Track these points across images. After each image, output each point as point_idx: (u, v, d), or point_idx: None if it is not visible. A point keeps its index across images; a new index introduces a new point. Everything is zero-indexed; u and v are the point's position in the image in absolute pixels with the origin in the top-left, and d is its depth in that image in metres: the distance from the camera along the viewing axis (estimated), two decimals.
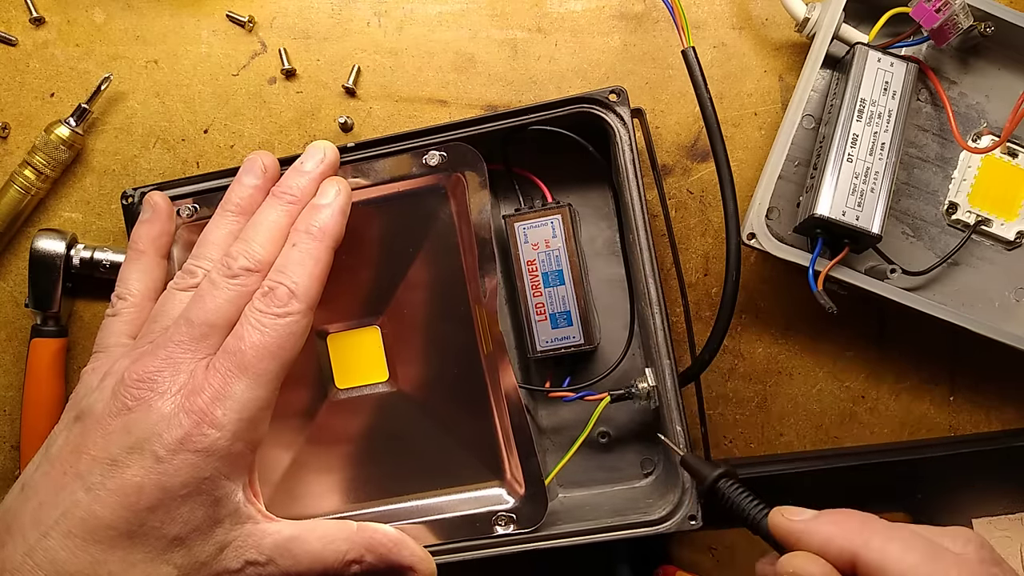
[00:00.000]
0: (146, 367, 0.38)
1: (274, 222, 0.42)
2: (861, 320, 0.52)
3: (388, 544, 0.41)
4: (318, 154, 0.44)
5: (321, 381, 0.48)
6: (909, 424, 0.52)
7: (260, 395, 0.38)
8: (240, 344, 0.38)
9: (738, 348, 0.52)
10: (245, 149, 0.53)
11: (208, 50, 0.53)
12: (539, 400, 0.51)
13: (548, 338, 0.48)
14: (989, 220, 0.50)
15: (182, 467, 0.36)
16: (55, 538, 0.35)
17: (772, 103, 0.52)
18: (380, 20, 0.53)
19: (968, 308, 0.50)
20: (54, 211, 0.53)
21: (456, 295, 0.47)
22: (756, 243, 0.46)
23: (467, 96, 0.53)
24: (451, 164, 0.46)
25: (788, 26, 0.52)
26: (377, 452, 0.48)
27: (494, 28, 0.53)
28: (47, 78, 0.53)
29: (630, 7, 0.53)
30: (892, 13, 0.47)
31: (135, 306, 0.43)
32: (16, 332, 0.53)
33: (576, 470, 0.50)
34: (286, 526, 0.39)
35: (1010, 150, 0.50)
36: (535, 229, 0.48)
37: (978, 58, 0.50)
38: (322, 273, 0.41)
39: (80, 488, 0.36)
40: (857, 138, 0.46)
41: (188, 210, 0.47)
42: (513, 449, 0.45)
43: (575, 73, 0.53)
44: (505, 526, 0.45)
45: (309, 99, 0.53)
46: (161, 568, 0.36)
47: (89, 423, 0.38)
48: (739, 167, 0.52)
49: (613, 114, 0.46)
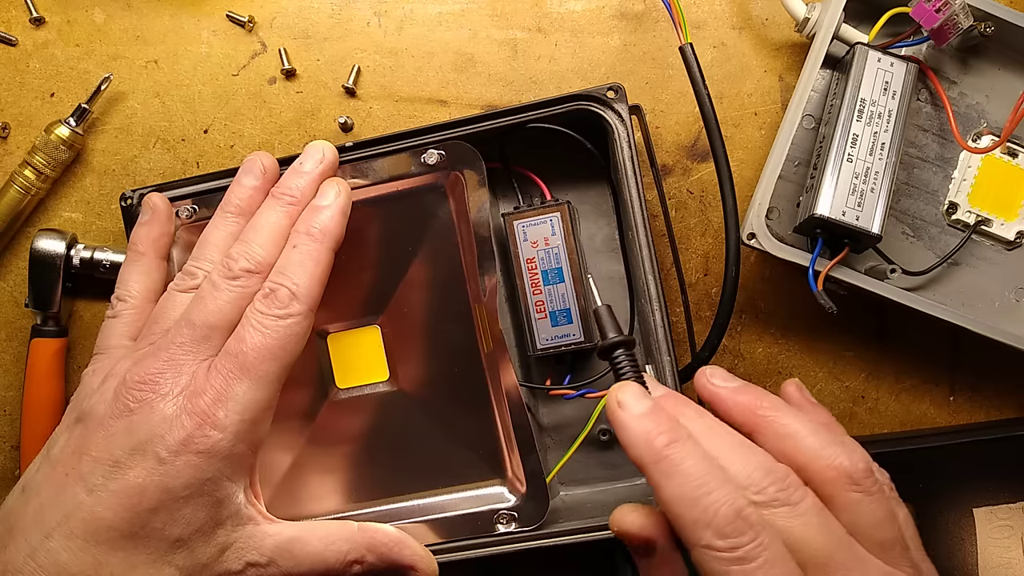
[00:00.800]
0: (148, 369, 0.38)
1: (274, 223, 0.42)
2: (861, 320, 0.52)
3: (389, 544, 0.41)
4: (317, 154, 0.44)
5: (322, 381, 0.48)
6: (909, 424, 0.52)
7: (261, 396, 0.38)
8: (241, 346, 0.38)
9: (738, 348, 0.52)
10: (245, 149, 0.53)
11: (208, 50, 0.53)
12: (540, 398, 0.51)
13: (548, 336, 0.48)
14: (989, 220, 0.50)
15: (184, 468, 0.36)
16: (57, 539, 0.35)
17: (772, 103, 0.52)
18: (380, 20, 0.53)
19: (968, 308, 0.50)
20: (54, 211, 0.53)
21: (456, 294, 0.47)
22: (756, 243, 0.46)
23: (467, 96, 0.53)
24: (450, 163, 0.46)
25: (788, 26, 0.52)
26: (378, 451, 0.48)
27: (494, 28, 0.53)
28: (47, 78, 0.53)
29: (630, 7, 0.53)
30: (892, 13, 0.47)
31: (135, 308, 0.44)
32: (16, 332, 0.53)
33: (577, 468, 0.50)
34: (287, 527, 0.39)
35: (1010, 150, 0.50)
36: (534, 227, 0.48)
37: (978, 58, 0.50)
38: (323, 274, 0.41)
39: (82, 489, 0.36)
40: (857, 138, 0.46)
41: (187, 211, 0.47)
42: (514, 447, 0.45)
43: (575, 73, 0.53)
44: (506, 524, 0.45)
45: (309, 99, 0.53)
46: (163, 569, 0.36)
47: (91, 425, 0.38)
48: (739, 167, 0.52)
49: (611, 111, 0.46)
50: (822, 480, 0.34)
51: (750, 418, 0.37)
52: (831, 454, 0.34)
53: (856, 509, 0.34)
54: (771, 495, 0.33)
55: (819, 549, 0.32)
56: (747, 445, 0.35)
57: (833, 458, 0.34)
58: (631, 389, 0.35)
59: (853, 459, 0.34)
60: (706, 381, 0.38)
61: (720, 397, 0.38)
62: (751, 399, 0.37)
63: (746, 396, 0.37)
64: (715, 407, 0.38)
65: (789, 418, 0.36)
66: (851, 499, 0.34)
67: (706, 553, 0.31)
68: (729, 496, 0.32)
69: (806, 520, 0.33)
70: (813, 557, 0.32)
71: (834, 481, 0.34)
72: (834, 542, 0.33)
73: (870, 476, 0.34)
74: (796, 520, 0.32)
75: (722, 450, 0.34)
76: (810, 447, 0.35)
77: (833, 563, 0.32)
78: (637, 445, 0.34)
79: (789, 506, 0.33)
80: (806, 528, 0.32)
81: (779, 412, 0.36)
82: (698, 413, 0.36)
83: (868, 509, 0.34)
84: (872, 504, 0.34)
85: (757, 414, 0.36)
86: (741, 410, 0.37)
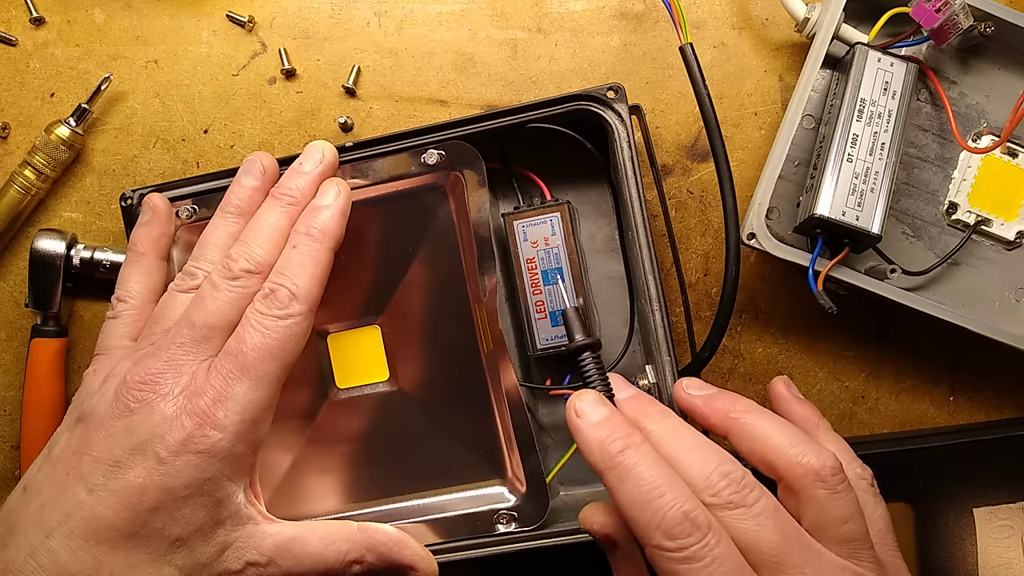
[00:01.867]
0: (148, 369, 0.38)
1: (274, 223, 0.42)
2: (861, 320, 0.52)
3: (389, 543, 0.41)
4: (316, 154, 0.44)
5: (322, 381, 0.48)
6: (909, 424, 0.52)
7: (261, 396, 0.38)
8: (241, 346, 0.38)
9: (738, 348, 0.52)
10: (245, 149, 0.53)
11: (208, 50, 0.53)
12: (540, 398, 0.51)
13: (548, 336, 0.48)
14: (989, 220, 0.50)
15: (184, 468, 0.36)
16: (57, 539, 0.35)
17: (772, 103, 0.52)
18: (380, 20, 0.53)
19: (968, 308, 0.50)
20: (54, 211, 0.53)
21: (456, 294, 0.47)
22: (756, 243, 0.46)
23: (467, 96, 0.53)
24: (450, 163, 0.46)
25: (788, 26, 0.52)
26: (378, 451, 0.48)
27: (494, 28, 0.53)
28: (47, 78, 0.53)
29: (630, 7, 0.53)
30: (892, 13, 0.47)
31: (135, 308, 0.44)
32: (16, 332, 0.53)
33: (577, 468, 0.50)
34: (287, 527, 0.40)
35: (1010, 150, 0.50)
36: (534, 227, 0.48)
37: (978, 58, 0.50)
38: (323, 275, 0.41)
39: (83, 489, 0.36)
40: (857, 138, 0.46)
41: (187, 211, 0.47)
42: (514, 447, 0.45)
43: (575, 73, 0.53)
44: (506, 524, 0.45)
45: (309, 99, 0.53)
46: (163, 569, 0.36)
47: (92, 425, 0.38)
48: (739, 167, 0.52)
49: (611, 111, 0.46)
50: (791, 478, 0.36)
51: (724, 421, 0.38)
52: (799, 452, 0.36)
53: (821, 506, 0.35)
54: (726, 497, 0.34)
55: (773, 548, 0.34)
56: (707, 447, 0.36)
57: (801, 456, 0.36)
58: (588, 397, 0.37)
59: (821, 458, 0.36)
60: (682, 392, 0.41)
61: (695, 406, 0.40)
62: (724, 403, 0.39)
63: (719, 401, 0.39)
64: (692, 415, 0.40)
65: (759, 419, 0.38)
66: (816, 496, 0.35)
67: (656, 553, 0.33)
68: (678, 499, 0.33)
69: (760, 521, 0.34)
70: (767, 556, 0.33)
71: (801, 478, 0.35)
72: (788, 541, 0.34)
73: (837, 474, 0.36)
74: (750, 521, 0.34)
75: (682, 451, 0.36)
76: (779, 446, 0.36)
77: (788, 562, 0.34)
78: (593, 452, 0.36)
79: (744, 507, 0.34)
80: (761, 529, 0.34)
81: (750, 414, 0.38)
82: (662, 414, 0.38)
83: (833, 506, 0.35)
84: (837, 501, 0.35)
85: (730, 417, 0.38)
86: (716, 415, 0.39)
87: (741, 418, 0.38)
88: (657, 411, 0.38)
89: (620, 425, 0.36)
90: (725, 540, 0.33)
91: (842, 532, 0.35)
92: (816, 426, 0.42)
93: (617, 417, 0.37)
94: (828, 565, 0.34)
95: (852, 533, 0.35)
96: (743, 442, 0.38)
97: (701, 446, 0.36)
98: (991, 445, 0.49)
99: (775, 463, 0.36)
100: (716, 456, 0.36)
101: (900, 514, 0.49)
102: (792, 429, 0.37)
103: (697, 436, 0.37)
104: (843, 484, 0.36)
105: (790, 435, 0.37)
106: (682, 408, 0.41)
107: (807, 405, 0.42)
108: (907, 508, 0.49)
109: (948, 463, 0.49)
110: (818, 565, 0.34)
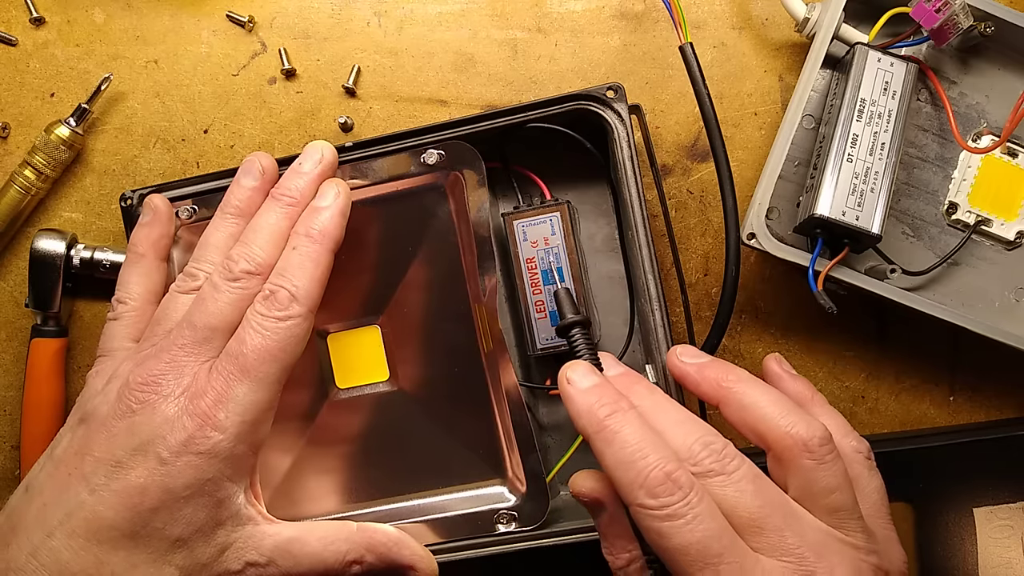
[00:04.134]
0: (150, 370, 0.38)
1: (274, 224, 0.42)
2: (861, 320, 0.52)
3: (388, 543, 0.41)
4: (316, 155, 0.44)
5: (322, 381, 0.48)
6: (909, 424, 0.52)
7: (262, 398, 0.38)
8: (242, 347, 0.38)
9: (738, 348, 0.52)
10: (245, 149, 0.53)
11: (208, 50, 0.53)
12: (540, 398, 0.51)
13: (548, 336, 0.48)
14: (989, 220, 0.50)
15: (185, 469, 0.36)
16: (59, 538, 0.35)
17: (772, 103, 0.52)
18: (380, 20, 0.53)
19: (968, 308, 0.50)
20: (54, 211, 0.53)
21: (456, 294, 0.47)
22: (756, 243, 0.46)
23: (467, 96, 0.53)
24: (449, 162, 0.46)
25: (788, 26, 0.52)
26: (378, 451, 0.48)
27: (494, 28, 0.53)
28: (47, 78, 0.53)
29: (630, 7, 0.53)
30: (892, 13, 0.47)
31: (136, 309, 0.44)
32: (16, 332, 0.53)
33: (578, 467, 0.50)
34: (286, 527, 0.40)
35: (1010, 150, 0.50)
36: (534, 227, 0.48)
37: (978, 58, 0.50)
38: (323, 276, 0.41)
39: (84, 489, 0.36)
40: (857, 138, 0.46)
41: (187, 211, 0.47)
42: (514, 447, 0.45)
43: (575, 73, 0.53)
44: (507, 524, 0.45)
45: (309, 99, 0.53)
46: (163, 569, 0.36)
47: (94, 425, 0.38)
48: (739, 167, 0.52)
49: (611, 110, 0.46)
50: (780, 448, 0.36)
51: (716, 390, 0.39)
52: (788, 423, 0.36)
53: (808, 476, 0.36)
54: (707, 466, 0.35)
55: (753, 512, 0.34)
56: (690, 420, 0.37)
57: (790, 427, 0.36)
58: (580, 366, 0.39)
59: (810, 428, 0.36)
60: (675, 359, 0.41)
61: (688, 373, 0.40)
62: (717, 372, 0.39)
63: (712, 370, 0.40)
64: (684, 383, 0.41)
65: (751, 389, 0.38)
66: (804, 466, 0.36)
67: (640, 511, 0.34)
68: (661, 460, 0.34)
69: (741, 487, 0.35)
70: (747, 519, 0.34)
71: (790, 448, 0.36)
72: (769, 505, 0.35)
73: (825, 445, 0.36)
74: (730, 487, 0.35)
75: (666, 424, 0.37)
76: (769, 416, 0.37)
77: (768, 525, 0.34)
78: (581, 416, 0.37)
79: (724, 475, 0.35)
80: (740, 494, 0.35)
81: (742, 384, 0.39)
82: (649, 390, 0.39)
83: (820, 476, 0.36)
84: (824, 471, 0.36)
85: (722, 386, 0.39)
86: (708, 384, 0.39)
87: (733, 387, 0.38)
88: (644, 387, 0.39)
89: (608, 392, 0.37)
90: (707, 500, 0.34)
91: (829, 502, 0.36)
92: (810, 400, 0.42)
93: (606, 385, 0.38)
94: (811, 530, 0.35)
95: (839, 503, 0.36)
96: (734, 411, 0.38)
97: (685, 420, 0.37)
98: (991, 445, 0.49)
99: (764, 433, 0.37)
100: (699, 428, 0.36)
101: (900, 514, 0.49)
102: (783, 399, 0.38)
103: (682, 411, 0.38)
104: (831, 455, 0.36)
105: (780, 405, 0.37)
106: (675, 376, 0.41)
107: (800, 380, 0.43)
108: (907, 508, 0.49)
109: (948, 463, 0.49)
110: (799, 529, 0.35)
